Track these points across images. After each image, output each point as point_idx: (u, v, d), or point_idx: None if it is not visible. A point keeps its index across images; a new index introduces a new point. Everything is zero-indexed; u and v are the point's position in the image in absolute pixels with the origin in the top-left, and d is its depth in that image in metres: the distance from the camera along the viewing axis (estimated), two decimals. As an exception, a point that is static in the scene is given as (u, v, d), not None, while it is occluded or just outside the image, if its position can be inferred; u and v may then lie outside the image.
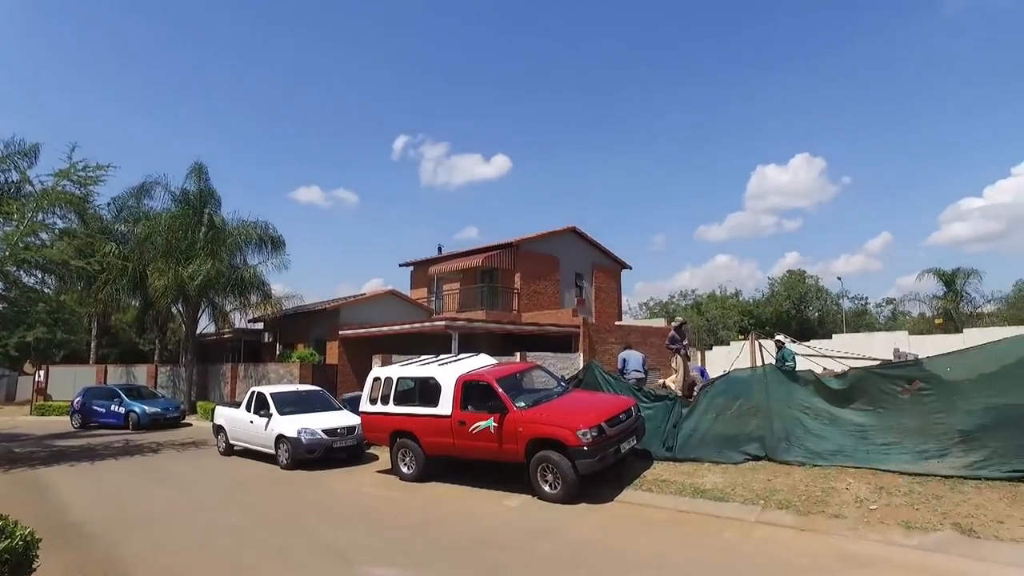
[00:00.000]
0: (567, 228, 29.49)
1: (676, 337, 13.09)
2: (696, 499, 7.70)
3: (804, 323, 45.91)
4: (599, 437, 8.02)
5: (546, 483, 8.23)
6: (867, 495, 7.00)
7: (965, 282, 33.10)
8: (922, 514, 6.33)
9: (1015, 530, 5.76)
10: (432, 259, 30.19)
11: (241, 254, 23.93)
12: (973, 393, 7.60)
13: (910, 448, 7.77)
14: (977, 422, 7.41)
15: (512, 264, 26.47)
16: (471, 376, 9.54)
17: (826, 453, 8.25)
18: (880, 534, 6.10)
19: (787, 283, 49.79)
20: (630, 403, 9.16)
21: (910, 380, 8.11)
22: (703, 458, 9.01)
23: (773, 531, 6.52)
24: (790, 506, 7.03)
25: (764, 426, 8.90)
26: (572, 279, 29.21)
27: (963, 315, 32.72)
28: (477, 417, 8.98)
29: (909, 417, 7.97)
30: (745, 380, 9.46)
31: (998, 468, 7.02)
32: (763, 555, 5.88)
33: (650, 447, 9.48)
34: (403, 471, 10.17)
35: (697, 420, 9.38)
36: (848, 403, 8.51)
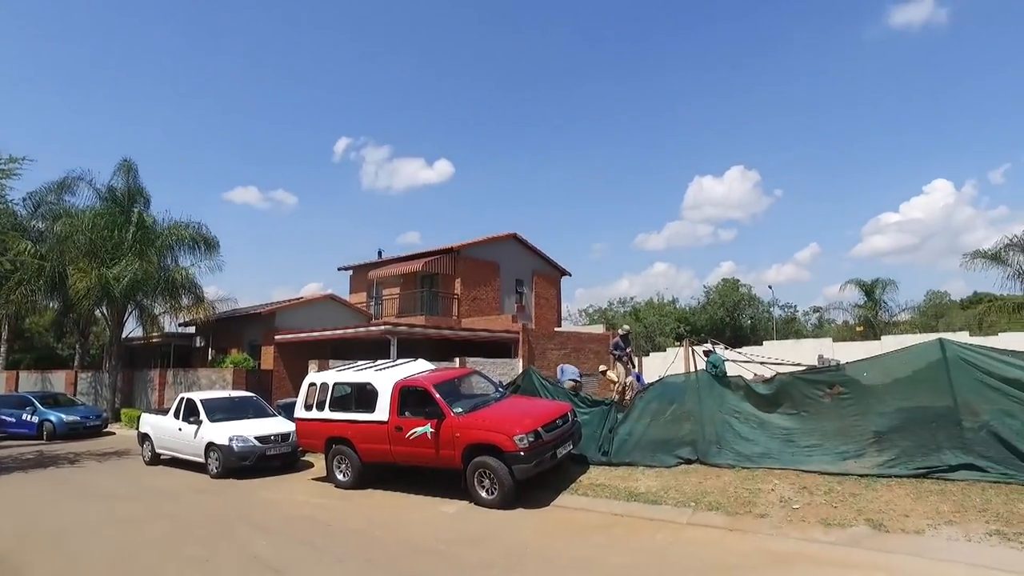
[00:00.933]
0: (508, 234, 29.62)
1: (621, 344, 13.32)
2: (630, 502, 7.85)
3: (738, 330, 47.51)
4: (536, 442, 8.09)
5: (483, 489, 8.24)
6: (791, 495, 7.29)
7: (883, 292, 35.06)
8: (840, 511, 6.66)
9: (918, 523, 6.16)
10: (372, 263, 29.77)
11: (172, 255, 22.95)
12: (887, 396, 8.05)
13: (830, 449, 8.15)
14: (889, 424, 7.85)
15: (453, 269, 26.39)
16: (408, 382, 9.47)
17: (754, 456, 8.55)
18: (802, 532, 6.37)
19: (722, 291, 51.36)
20: (567, 409, 9.28)
21: (831, 385, 8.52)
22: (637, 462, 9.20)
23: (703, 532, 6.72)
24: (720, 507, 7.26)
25: (696, 430, 9.15)
26: (512, 285, 29.35)
27: (881, 323, 34.60)
28: (414, 423, 8.92)
29: (830, 420, 8.36)
30: (679, 386, 9.72)
31: (906, 466, 7.46)
32: (692, 556, 6.05)
33: (586, 452, 9.61)
34: (339, 478, 9.99)
35: (632, 425, 9.56)
36: (775, 408, 8.84)
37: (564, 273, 32.89)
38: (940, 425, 7.49)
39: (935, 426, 7.52)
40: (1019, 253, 26.17)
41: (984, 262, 27.09)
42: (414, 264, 26.36)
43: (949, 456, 7.29)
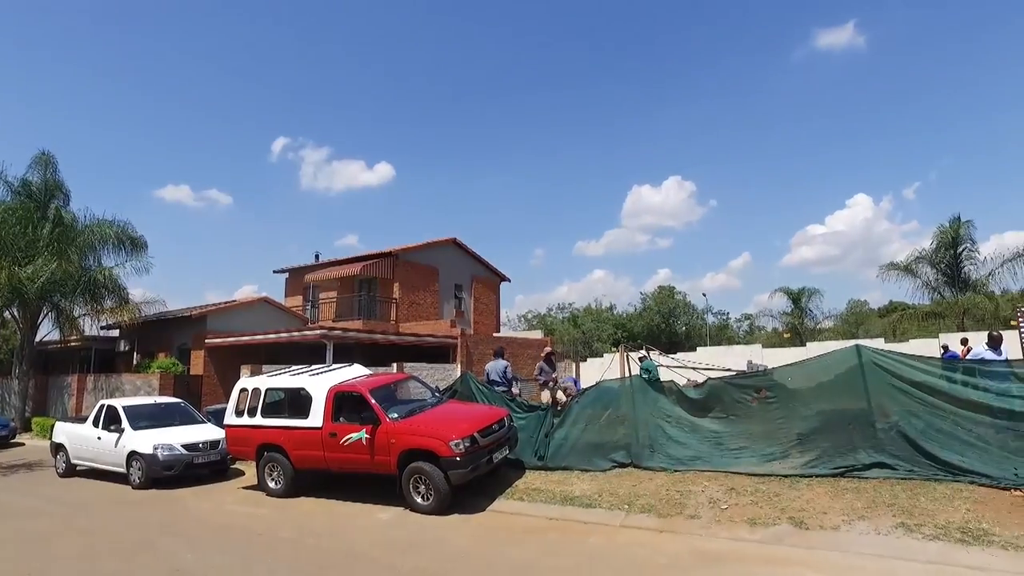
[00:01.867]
0: (448, 239, 29.57)
1: (546, 368, 13.12)
2: (565, 506, 7.94)
3: (673, 336, 48.71)
4: (472, 447, 8.09)
5: (419, 495, 8.18)
6: (720, 496, 7.52)
7: (809, 300, 36.92)
8: (764, 511, 6.91)
9: (834, 519, 6.47)
10: (309, 266, 29.17)
11: (95, 255, 21.79)
12: (810, 400, 8.44)
13: (757, 451, 8.46)
14: (811, 426, 8.23)
15: (391, 274, 26.13)
16: (343, 387, 9.31)
17: (686, 459, 8.76)
18: (729, 531, 6.59)
19: (658, 298, 52.63)
20: (503, 414, 9.32)
21: (758, 389, 8.87)
22: (573, 466, 9.30)
23: (636, 534, 6.86)
24: (652, 510, 7.42)
25: (630, 434, 9.32)
26: (452, 290, 29.29)
27: (807, 330, 36.31)
28: (349, 429, 8.78)
29: (757, 423, 8.69)
30: (614, 391, 9.88)
31: (826, 466, 7.81)
32: (625, 557, 6.17)
33: (523, 456, 9.66)
34: (270, 486, 9.72)
35: (568, 430, 9.67)
36: (706, 412, 9.12)
37: (503, 279, 33.05)
38: (856, 426, 7.91)
39: (852, 427, 7.93)
40: (927, 265, 27.94)
41: (898, 273, 28.78)
42: (352, 267, 25.99)
43: (863, 455, 7.70)
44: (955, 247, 27.17)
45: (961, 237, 27.01)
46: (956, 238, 27.11)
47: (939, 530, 5.93)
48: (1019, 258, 24.05)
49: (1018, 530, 5.77)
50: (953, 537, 5.76)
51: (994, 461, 7.10)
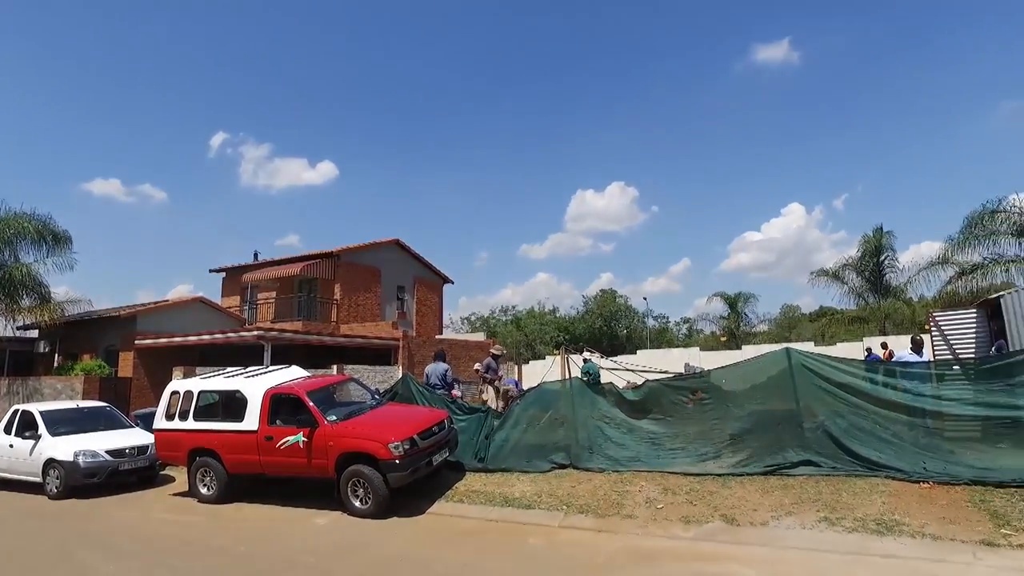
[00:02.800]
0: (391, 240, 29.28)
1: (493, 366, 13.20)
2: (505, 508, 7.96)
3: (614, 339, 49.50)
4: (411, 450, 8.03)
5: (357, 498, 8.05)
6: (656, 496, 7.68)
7: (744, 305, 38.28)
8: (698, 509, 7.11)
9: (764, 515, 6.72)
10: (247, 266, 28.36)
11: (11, 250, 20.55)
12: (743, 401, 8.74)
13: (692, 452, 8.69)
14: (743, 426, 8.52)
15: (332, 274, 25.68)
16: (280, 389, 9.09)
17: (624, 460, 8.92)
18: (664, 529, 6.75)
19: (600, 301, 53.34)
20: (443, 416, 9.28)
21: (694, 391, 9.13)
22: (513, 468, 9.34)
23: (574, 534, 6.93)
24: (590, 510, 7.51)
25: (570, 436, 9.43)
26: (394, 292, 29.03)
27: (743, 333, 37.60)
28: (286, 432, 8.57)
29: (692, 424, 8.94)
30: (554, 393, 9.99)
31: (756, 465, 8.09)
32: (563, 557, 6.23)
33: (463, 459, 9.64)
34: (202, 492, 9.39)
35: (508, 431, 9.70)
36: (644, 413, 9.32)
37: (446, 280, 32.96)
38: (785, 426, 8.23)
39: (781, 427, 8.25)
40: (853, 272, 29.41)
41: (826, 279, 30.20)
42: (292, 268, 25.43)
43: (792, 454, 8.01)
44: (878, 255, 28.69)
45: (883, 246, 28.55)
46: (879, 247, 28.63)
47: (857, 522, 6.25)
48: (933, 267, 25.45)
49: (924, 519, 6.17)
50: (870, 528, 6.10)
51: (907, 456, 7.52)
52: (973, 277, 22.61)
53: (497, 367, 13.34)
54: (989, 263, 22.24)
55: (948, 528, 5.93)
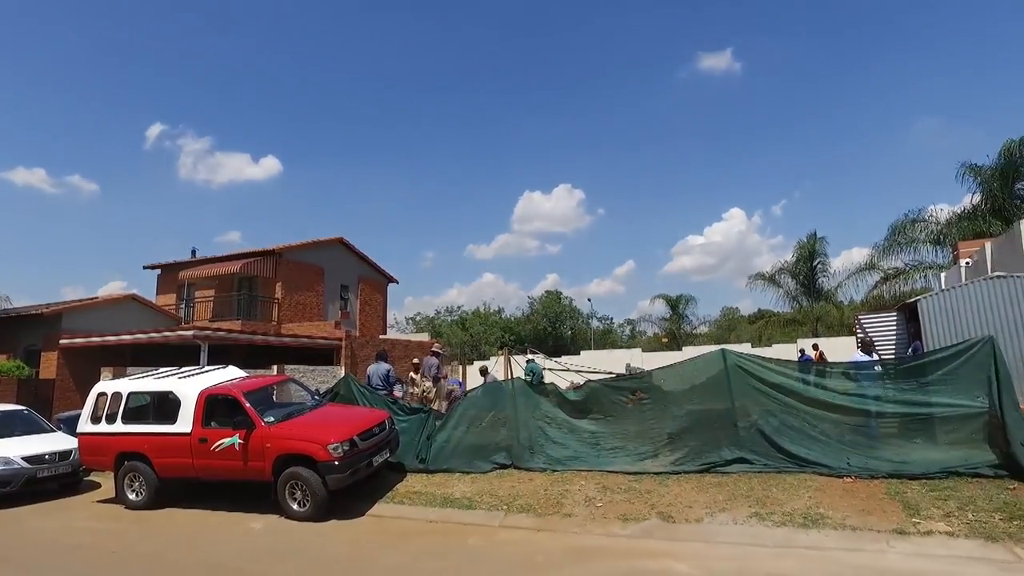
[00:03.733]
0: (335, 238, 28.81)
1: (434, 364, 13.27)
2: (445, 508, 7.95)
3: (559, 340, 49.94)
4: (351, 451, 7.92)
5: (295, 501, 7.89)
6: (595, 494, 7.80)
7: (685, 307, 39.38)
8: (636, 507, 7.25)
9: (698, 512, 6.91)
10: (184, 262, 27.39)
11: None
12: (681, 401, 8.96)
13: (632, 451, 8.87)
14: (681, 426, 8.75)
15: (274, 272, 25.09)
16: (216, 390, 8.82)
17: (564, 459, 9.02)
18: (603, 527, 6.86)
19: (545, 303, 53.75)
20: (384, 416, 9.18)
21: (634, 391, 9.32)
22: (454, 468, 9.32)
23: (514, 534, 6.97)
24: (530, 509, 7.57)
25: (511, 436, 9.48)
26: (337, 291, 28.58)
27: (683, 334, 38.59)
28: (221, 434, 8.32)
29: (632, 424, 9.12)
30: (497, 393, 10.03)
31: (693, 463, 8.31)
32: (502, 557, 6.26)
33: (404, 460, 9.58)
34: (130, 498, 9.01)
35: (450, 432, 9.68)
36: (585, 413, 9.46)
37: (391, 280, 32.66)
38: (720, 425, 8.48)
39: (716, 426, 8.50)
40: (788, 276, 30.64)
41: (763, 283, 31.38)
42: (232, 265, 24.70)
43: (726, 452, 8.26)
44: (811, 260, 30.00)
45: (816, 252, 29.88)
46: (812, 252, 29.93)
47: (786, 517, 6.51)
48: (861, 272, 26.74)
49: (846, 512, 6.49)
50: (796, 522, 6.36)
51: (832, 453, 7.87)
52: (896, 282, 23.92)
53: (439, 366, 13.36)
54: (910, 269, 23.56)
55: (866, 519, 6.26)
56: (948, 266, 19.85)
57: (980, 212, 22.17)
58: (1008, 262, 13.67)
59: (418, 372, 13.80)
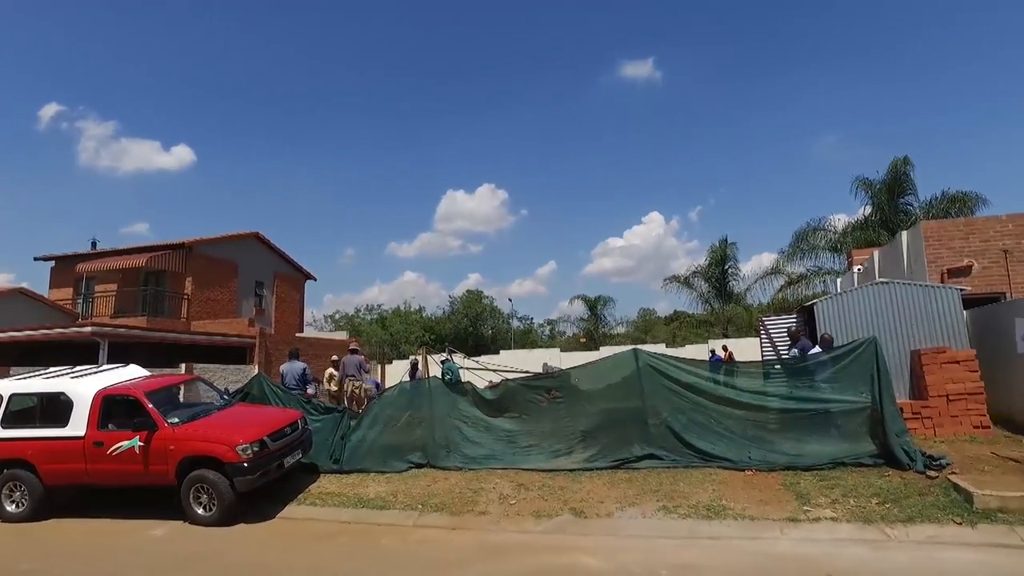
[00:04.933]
0: (250, 233, 27.82)
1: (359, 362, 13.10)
2: (359, 509, 7.84)
3: (479, 339, 49.98)
4: (261, 452, 7.67)
5: (200, 505, 7.57)
6: (510, 492, 7.89)
7: (603, 307, 40.39)
8: (549, 504, 7.38)
9: (609, 507, 7.12)
10: (83, 254, 25.69)
11: None
12: (594, 399, 9.19)
13: (546, 448, 9.01)
14: (594, 423, 8.96)
15: (184, 267, 23.96)
16: (114, 390, 8.32)
17: (480, 457, 9.07)
18: (516, 524, 6.95)
19: (466, 302, 53.69)
20: (296, 416, 8.96)
21: (549, 390, 9.48)
22: (369, 468, 9.19)
23: (428, 533, 6.97)
24: (445, 508, 7.58)
25: (427, 435, 9.44)
26: (252, 287, 27.62)
27: (601, 334, 39.56)
28: (119, 437, 7.84)
29: (546, 422, 9.28)
30: (413, 392, 9.98)
31: (605, 460, 8.54)
32: (416, 556, 6.24)
33: (317, 460, 9.35)
34: (9, 510, 8.29)
35: (365, 432, 9.54)
36: (501, 412, 9.54)
37: (309, 277, 31.87)
38: (632, 423, 8.75)
39: (628, 424, 8.76)
40: (702, 279, 31.98)
41: (678, 285, 32.60)
42: (137, 258, 23.40)
43: (637, 449, 8.54)
44: (723, 264, 31.43)
45: (727, 256, 31.33)
46: (724, 257, 31.36)
47: (691, 509, 6.81)
48: (767, 276, 28.26)
49: (745, 503, 6.87)
50: (701, 514, 6.68)
51: (736, 447, 8.28)
52: (799, 286, 25.44)
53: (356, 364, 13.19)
54: (811, 274, 25.09)
55: (763, 509, 6.65)
56: (843, 272, 21.23)
57: (871, 223, 23.87)
58: (891, 269, 14.82)
59: (337, 370, 13.56)
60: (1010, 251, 12.55)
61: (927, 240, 13.20)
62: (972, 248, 12.89)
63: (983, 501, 6.10)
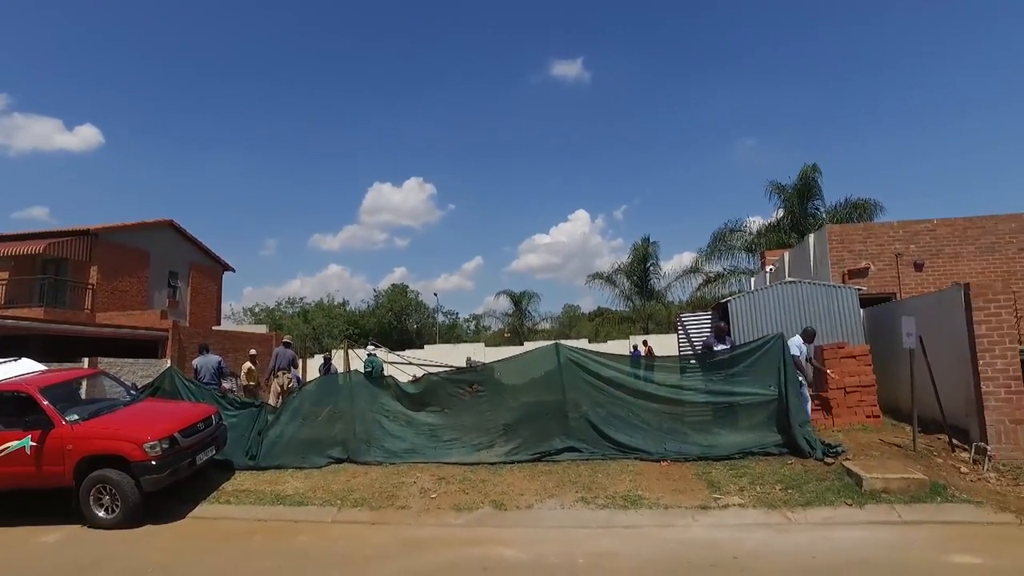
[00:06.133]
0: (163, 220, 26.48)
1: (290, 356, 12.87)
2: (275, 506, 7.64)
3: (404, 334, 49.55)
4: (171, 449, 7.34)
5: (102, 507, 7.15)
6: (431, 486, 7.88)
7: (528, 303, 40.88)
8: (470, 497, 7.43)
9: (529, 499, 7.24)
10: (-36, 240, 23.74)
11: None
12: (516, 393, 9.33)
13: (468, 442, 9.05)
14: (516, 417, 9.09)
15: (88, 255, 22.53)
16: (3, 386, 7.75)
17: (401, 452, 9.02)
18: (437, 518, 6.96)
19: (391, 296, 53.08)
20: (210, 411, 8.62)
21: (471, 384, 9.52)
22: (287, 464, 8.96)
23: (347, 528, 6.88)
24: (364, 503, 7.49)
25: (348, 430, 9.30)
26: (165, 277, 26.32)
27: (526, 330, 40.03)
28: (8, 437, 7.28)
29: (468, 416, 9.34)
30: (333, 386, 9.83)
31: (526, 452, 8.66)
32: (333, 552, 6.15)
33: (232, 457, 9.04)
34: None
35: (283, 427, 9.31)
36: (423, 406, 9.53)
37: (227, 268, 30.70)
38: (553, 416, 8.92)
39: (549, 417, 8.93)
40: (624, 277, 32.87)
41: (601, 282, 33.38)
42: (34, 244, 21.78)
43: (557, 442, 8.70)
44: (645, 263, 32.42)
45: (649, 255, 32.32)
46: (646, 255, 32.34)
47: (609, 499, 7.01)
48: (687, 274, 29.33)
49: (660, 492, 7.13)
50: (618, 504, 6.89)
51: (653, 439, 8.58)
52: (716, 284, 26.55)
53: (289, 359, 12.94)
54: (728, 273, 26.24)
55: (677, 498, 6.93)
56: (757, 271, 22.30)
57: (783, 225, 25.21)
58: (800, 270, 15.72)
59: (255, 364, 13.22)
60: (901, 255, 13.56)
61: (831, 243, 14.07)
62: (869, 251, 13.85)
63: (870, 484, 6.67)
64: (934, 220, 13.81)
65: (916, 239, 13.70)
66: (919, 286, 13.28)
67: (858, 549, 5.47)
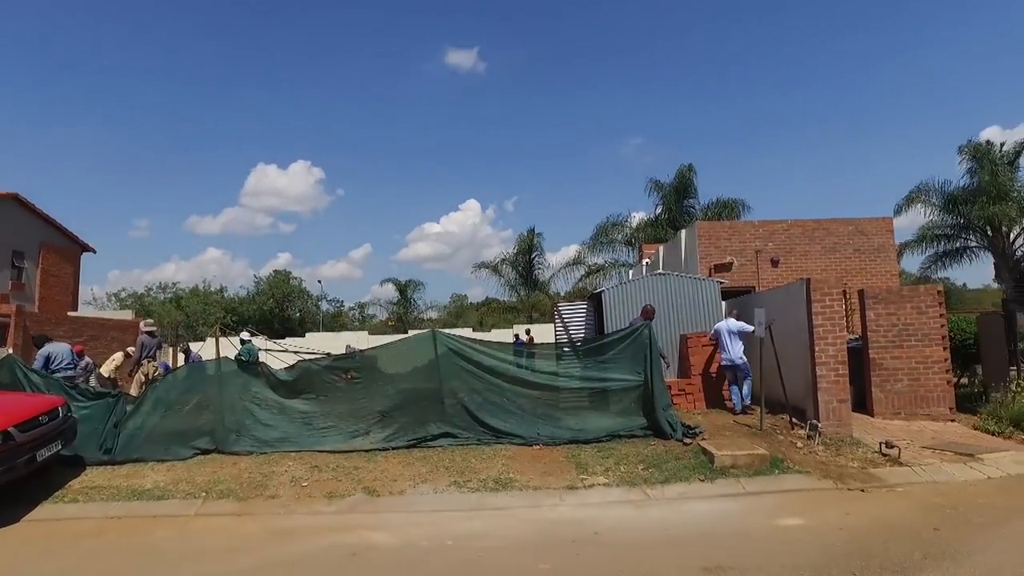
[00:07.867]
0: (8, 194, 23.86)
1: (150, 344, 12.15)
2: (131, 502, 7.17)
3: (286, 322, 47.79)
4: (5, 446, 6.70)
5: (-82, 514, 6.44)
6: (303, 474, 7.73)
7: (414, 292, 40.73)
8: (343, 484, 7.35)
9: (403, 485, 7.28)
10: None
11: None
12: (393, 380, 9.32)
13: (343, 430, 8.96)
14: (392, 404, 9.10)
15: (-88, 231, 19.99)
16: None
17: (273, 440, 8.77)
18: (307, 507, 6.82)
19: (273, 282, 50.98)
20: (56, 403, 7.91)
21: (347, 371, 9.40)
22: (148, 457, 8.44)
23: (211, 521, 6.59)
24: (231, 494, 7.22)
25: (216, 419, 8.92)
26: (8, 257, 23.79)
27: (411, 318, 39.88)
28: None
29: (344, 403, 9.23)
30: (201, 374, 9.38)
31: (402, 439, 8.70)
32: (195, 546, 5.88)
33: (84, 451, 8.37)
34: None
35: (144, 418, 8.74)
36: (296, 394, 9.31)
37: (87, 249, 28.22)
38: (429, 403, 9.01)
39: (425, 403, 9.01)
40: (510, 267, 33.48)
41: (487, 272, 33.85)
42: None
43: (433, 427, 8.81)
44: (530, 254, 33.21)
45: (534, 246, 33.11)
46: (531, 247, 33.10)
47: (481, 483, 7.18)
48: (570, 266, 30.33)
49: (531, 475, 7.41)
50: (489, 487, 7.06)
51: (526, 424, 8.88)
52: (597, 276, 27.66)
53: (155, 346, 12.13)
54: (608, 265, 27.40)
55: (547, 480, 7.21)
56: (635, 264, 23.44)
57: (660, 221, 26.66)
58: (673, 263, 16.71)
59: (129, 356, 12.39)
60: (760, 251, 14.77)
61: (700, 239, 15.06)
62: (734, 247, 14.97)
63: (721, 461, 7.26)
64: (788, 221, 15.16)
65: (773, 237, 14.97)
66: (775, 280, 14.53)
67: (707, 522, 5.94)
